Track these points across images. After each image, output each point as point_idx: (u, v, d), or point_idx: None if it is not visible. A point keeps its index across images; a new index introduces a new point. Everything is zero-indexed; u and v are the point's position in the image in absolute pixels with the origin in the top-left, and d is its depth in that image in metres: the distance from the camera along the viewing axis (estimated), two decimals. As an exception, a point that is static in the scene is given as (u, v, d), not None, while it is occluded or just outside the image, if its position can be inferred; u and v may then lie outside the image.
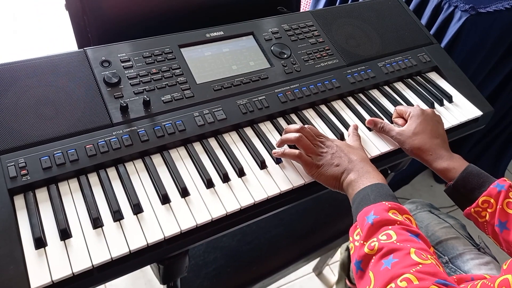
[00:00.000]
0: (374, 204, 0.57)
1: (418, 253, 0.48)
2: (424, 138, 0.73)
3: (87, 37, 0.87)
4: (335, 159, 0.67)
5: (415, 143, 0.73)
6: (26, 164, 0.61)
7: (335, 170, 0.66)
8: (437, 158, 0.71)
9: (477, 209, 0.66)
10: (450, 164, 0.70)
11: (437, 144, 0.73)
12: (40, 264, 0.54)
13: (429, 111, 0.78)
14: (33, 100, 0.67)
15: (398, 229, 0.52)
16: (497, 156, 1.76)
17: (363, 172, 0.64)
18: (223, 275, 0.95)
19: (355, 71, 0.89)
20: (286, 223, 1.07)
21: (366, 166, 0.65)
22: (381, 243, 0.51)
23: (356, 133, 0.76)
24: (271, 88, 0.81)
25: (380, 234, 0.53)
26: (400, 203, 0.58)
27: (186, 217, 0.62)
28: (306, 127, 0.71)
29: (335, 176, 0.66)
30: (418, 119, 0.76)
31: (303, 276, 1.45)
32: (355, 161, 0.66)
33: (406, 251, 0.49)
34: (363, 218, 0.56)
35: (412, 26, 1.02)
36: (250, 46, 0.86)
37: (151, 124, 0.70)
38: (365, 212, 0.56)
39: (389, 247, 0.50)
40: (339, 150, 0.68)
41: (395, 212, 0.56)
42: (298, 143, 0.69)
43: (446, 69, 0.97)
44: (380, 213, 0.55)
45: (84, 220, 0.59)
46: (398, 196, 1.73)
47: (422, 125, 0.75)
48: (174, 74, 0.77)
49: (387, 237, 0.51)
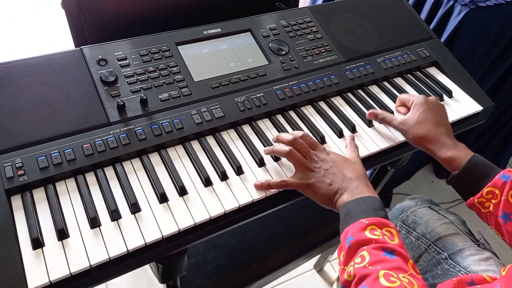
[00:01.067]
0: (353, 223, 0.56)
1: (387, 276, 0.48)
2: (428, 126, 0.72)
3: (84, 36, 0.87)
4: (328, 176, 0.64)
5: (418, 132, 0.72)
6: (23, 164, 0.61)
7: (328, 189, 0.63)
8: (442, 147, 0.70)
9: (481, 199, 0.65)
10: (455, 154, 0.69)
11: (441, 133, 0.71)
12: (37, 265, 0.54)
13: (432, 99, 0.77)
14: (29, 99, 0.66)
15: (372, 249, 0.52)
16: (498, 151, 1.75)
17: (356, 192, 0.61)
18: (223, 273, 0.95)
19: (354, 67, 0.89)
20: (286, 220, 1.07)
21: (361, 185, 0.62)
22: (355, 269, 0.51)
23: (354, 143, 0.72)
24: (269, 85, 0.81)
25: (356, 256, 0.52)
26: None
27: (184, 216, 0.61)
28: (299, 137, 0.67)
29: (328, 196, 0.63)
30: (421, 107, 0.74)
31: (304, 273, 1.45)
32: (349, 180, 0.63)
33: (375, 276, 0.48)
34: (344, 240, 0.55)
35: (411, 21, 1.01)
36: (248, 43, 0.86)
37: (148, 122, 0.70)
38: (345, 234, 0.56)
39: (360, 273, 0.50)
40: (334, 165, 0.65)
41: (374, 228, 0.54)
42: (289, 158, 0.67)
43: (446, 64, 0.96)
44: (357, 234, 0.54)
45: (82, 220, 0.59)
46: (398, 192, 1.73)
47: (425, 113, 0.73)
48: (171, 72, 0.76)
49: (361, 260, 0.51)
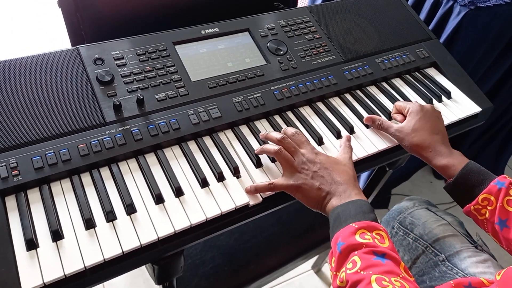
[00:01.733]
0: (343, 228, 0.55)
1: (379, 280, 0.48)
2: (424, 134, 0.72)
3: (80, 35, 0.86)
4: (317, 179, 0.63)
5: (414, 140, 0.72)
6: (17, 164, 0.60)
7: (317, 193, 0.62)
8: (437, 154, 0.70)
9: (477, 206, 0.66)
10: (450, 161, 0.69)
11: (437, 141, 0.72)
12: (31, 266, 0.53)
13: (428, 107, 0.77)
14: (24, 99, 0.66)
15: (363, 253, 0.52)
16: (497, 152, 1.75)
17: (345, 196, 0.60)
18: (220, 274, 0.95)
19: (353, 67, 0.88)
20: (284, 221, 1.07)
21: (349, 189, 0.61)
22: (347, 275, 0.51)
23: (348, 144, 0.71)
24: (267, 85, 0.80)
25: (347, 262, 0.52)
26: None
27: (180, 217, 0.61)
28: (289, 134, 0.67)
29: (316, 199, 0.62)
30: (417, 115, 0.75)
31: (302, 274, 1.45)
32: (337, 183, 0.62)
33: (367, 281, 0.48)
34: (335, 246, 0.55)
35: (410, 21, 1.01)
36: (246, 43, 0.85)
37: (145, 122, 0.69)
38: (335, 239, 0.56)
39: (352, 279, 0.50)
40: (322, 167, 0.63)
41: (364, 232, 0.54)
42: (277, 157, 0.66)
43: (445, 64, 0.96)
44: (347, 239, 0.54)
45: (77, 221, 0.58)
46: (397, 192, 1.73)
47: (421, 121, 0.74)
48: (168, 71, 0.76)
49: (353, 265, 0.51)
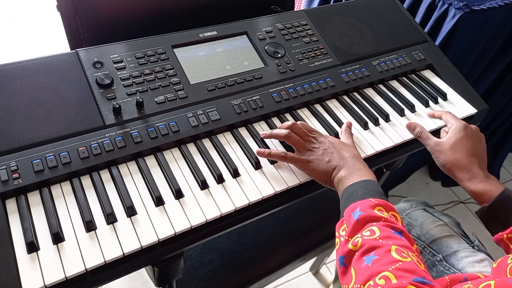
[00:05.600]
0: (361, 200, 0.57)
1: (399, 251, 0.49)
2: (462, 154, 0.71)
3: (79, 38, 0.86)
4: (327, 155, 0.67)
5: (450, 158, 0.71)
6: (17, 167, 0.60)
7: (327, 166, 0.66)
8: (472, 177, 0.69)
9: (511, 235, 0.63)
10: (486, 186, 0.67)
11: (474, 163, 0.70)
12: (32, 268, 0.53)
13: (473, 128, 0.76)
14: (24, 102, 0.66)
15: (382, 225, 0.53)
16: (492, 153, 1.76)
17: (354, 169, 0.63)
18: (219, 276, 0.95)
19: (350, 70, 0.89)
20: (283, 223, 1.07)
21: (358, 163, 0.65)
22: (364, 239, 0.51)
23: (349, 130, 0.75)
24: (265, 88, 0.81)
25: (364, 230, 0.53)
26: (389, 200, 0.58)
27: (180, 219, 0.61)
28: (298, 123, 0.71)
29: (326, 171, 0.66)
30: (459, 133, 0.74)
31: (300, 276, 1.45)
32: (346, 158, 0.66)
33: (387, 248, 0.49)
34: (350, 214, 0.56)
35: (406, 24, 1.02)
36: (244, 46, 0.86)
37: (144, 125, 0.70)
38: (352, 209, 0.56)
39: (370, 244, 0.50)
40: (331, 146, 0.68)
41: (381, 209, 0.56)
42: (287, 140, 0.69)
43: (440, 67, 0.97)
44: (366, 210, 0.55)
45: (77, 224, 0.59)
46: (394, 194, 1.74)
47: (462, 140, 0.73)
48: (167, 74, 0.76)
49: (371, 233, 0.52)
